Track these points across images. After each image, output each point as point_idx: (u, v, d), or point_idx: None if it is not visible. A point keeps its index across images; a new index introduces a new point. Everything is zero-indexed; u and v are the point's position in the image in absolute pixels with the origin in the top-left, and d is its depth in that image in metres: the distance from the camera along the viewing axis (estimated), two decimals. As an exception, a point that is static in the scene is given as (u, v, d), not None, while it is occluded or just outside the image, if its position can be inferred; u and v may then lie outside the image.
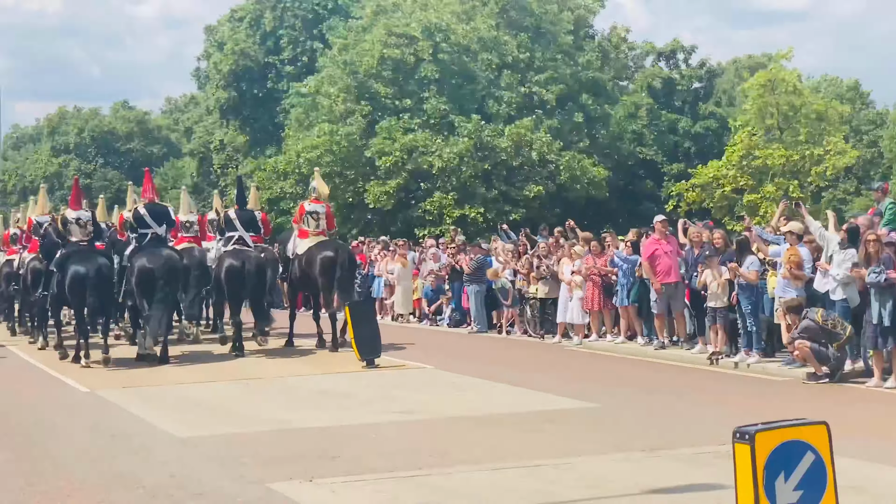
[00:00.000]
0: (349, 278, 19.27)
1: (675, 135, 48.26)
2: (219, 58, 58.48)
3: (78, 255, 17.87)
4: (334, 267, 18.76)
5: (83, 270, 17.40)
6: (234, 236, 19.83)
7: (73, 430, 11.57)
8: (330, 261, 18.84)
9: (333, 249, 19.21)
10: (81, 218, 18.70)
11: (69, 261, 17.78)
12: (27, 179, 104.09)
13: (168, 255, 18.17)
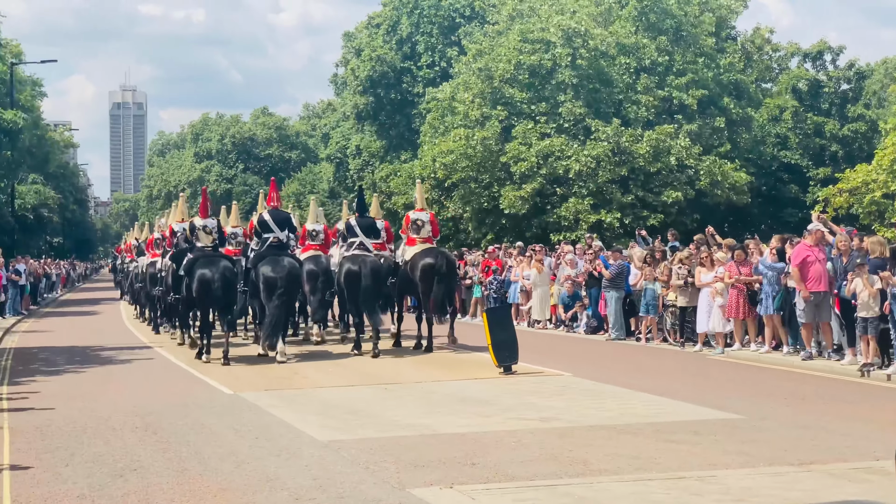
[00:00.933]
0: (448, 284, 20.28)
1: (822, 138, 46.88)
2: (356, 64, 59.37)
3: (204, 259, 19.15)
4: (433, 273, 19.73)
5: (209, 274, 18.66)
6: (355, 242, 20.70)
7: (219, 431, 11.82)
8: (430, 267, 19.80)
9: (434, 256, 20.08)
10: (208, 225, 20.24)
11: (196, 265, 19.06)
12: (171, 184, 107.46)
13: (290, 263, 19.31)
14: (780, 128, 47.06)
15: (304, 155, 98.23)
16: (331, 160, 74.08)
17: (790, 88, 48.16)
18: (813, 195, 41.26)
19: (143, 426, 12.19)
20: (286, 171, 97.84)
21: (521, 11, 44.76)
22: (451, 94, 44.05)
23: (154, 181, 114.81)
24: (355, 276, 19.82)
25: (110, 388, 16.02)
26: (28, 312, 37.53)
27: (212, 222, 20.60)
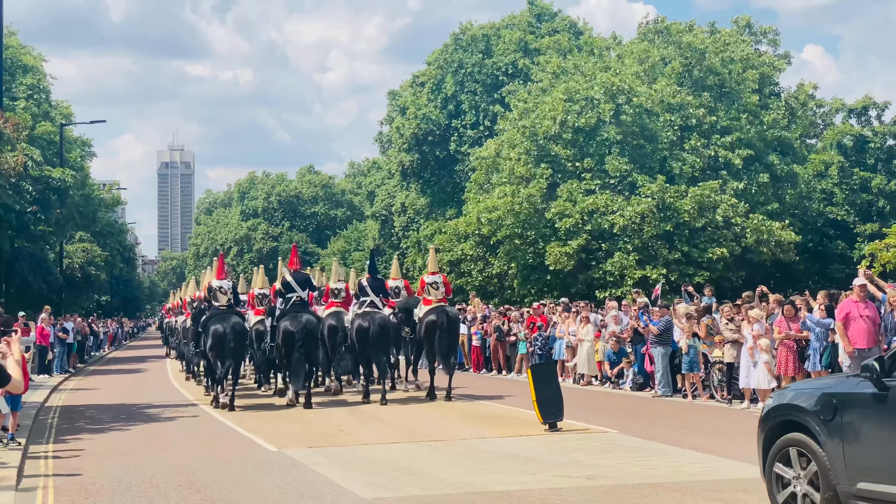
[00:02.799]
0: (450, 338, 22.23)
1: (868, 193, 46.51)
2: (401, 122, 59.91)
3: (217, 316, 21.33)
4: (436, 328, 21.80)
5: (221, 329, 20.78)
6: (366, 301, 22.81)
7: (263, 489, 11.78)
8: (432, 323, 21.88)
9: (436, 314, 22.01)
10: (223, 286, 22.08)
11: (210, 321, 21.36)
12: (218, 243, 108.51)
13: (307, 319, 21.49)
14: (825, 183, 46.77)
15: (349, 212, 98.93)
16: (376, 217, 74.55)
17: (835, 144, 47.91)
18: (860, 251, 40.85)
19: (187, 484, 12.19)
20: (332, 229, 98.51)
21: (565, 69, 44.99)
22: (496, 151, 44.26)
23: (201, 239, 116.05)
24: (365, 331, 21.95)
25: (155, 446, 16.05)
26: (75, 370, 37.85)
27: (227, 284, 22.34)
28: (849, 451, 8.56)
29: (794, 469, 9.12)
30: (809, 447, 8.94)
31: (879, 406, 8.39)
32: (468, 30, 58.51)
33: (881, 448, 8.30)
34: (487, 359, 31.33)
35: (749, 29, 47.85)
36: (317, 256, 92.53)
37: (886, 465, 8.18)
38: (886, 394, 8.33)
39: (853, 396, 8.73)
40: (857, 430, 8.56)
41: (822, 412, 8.87)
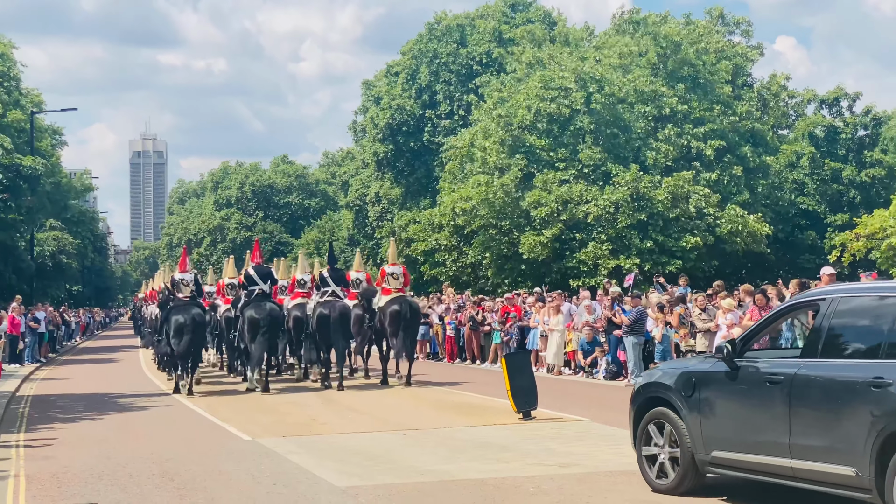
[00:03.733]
0: (411, 328, 23.34)
1: (839, 184, 46.86)
2: (375, 112, 59.80)
3: (179, 307, 22.48)
4: (399, 319, 22.71)
5: (182, 319, 21.85)
6: (327, 290, 24.18)
7: (237, 478, 11.77)
8: (396, 313, 22.79)
9: (399, 303, 23.01)
10: (186, 279, 23.26)
11: (172, 312, 22.53)
12: (191, 232, 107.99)
13: (271, 308, 22.90)
14: (797, 174, 47.09)
15: (323, 203, 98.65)
16: (350, 208, 74.41)
17: (807, 135, 48.25)
18: (830, 241, 41.17)
19: (161, 473, 12.16)
20: (306, 219, 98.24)
21: (540, 59, 45.04)
22: (470, 141, 44.26)
23: (174, 229, 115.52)
24: (325, 319, 23.05)
25: (128, 435, 16.00)
26: (46, 360, 37.61)
27: (189, 276, 23.51)
28: (705, 423, 9.73)
29: (660, 439, 10.23)
30: (672, 420, 10.05)
31: (731, 383, 9.59)
32: (443, 20, 58.44)
33: (732, 420, 9.53)
34: (461, 348, 31.37)
35: (722, 20, 48.09)
36: (291, 247, 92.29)
37: (736, 435, 9.43)
38: (737, 372, 9.54)
39: (709, 375, 9.86)
40: (713, 405, 9.72)
41: (683, 389, 10.01)
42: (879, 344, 8.49)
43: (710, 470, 9.81)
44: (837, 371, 8.69)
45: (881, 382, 8.16)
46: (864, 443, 8.20)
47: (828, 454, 8.55)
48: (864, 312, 8.96)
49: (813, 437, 8.71)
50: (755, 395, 9.33)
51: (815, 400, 8.76)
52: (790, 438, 8.87)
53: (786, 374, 9.05)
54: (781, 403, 8.97)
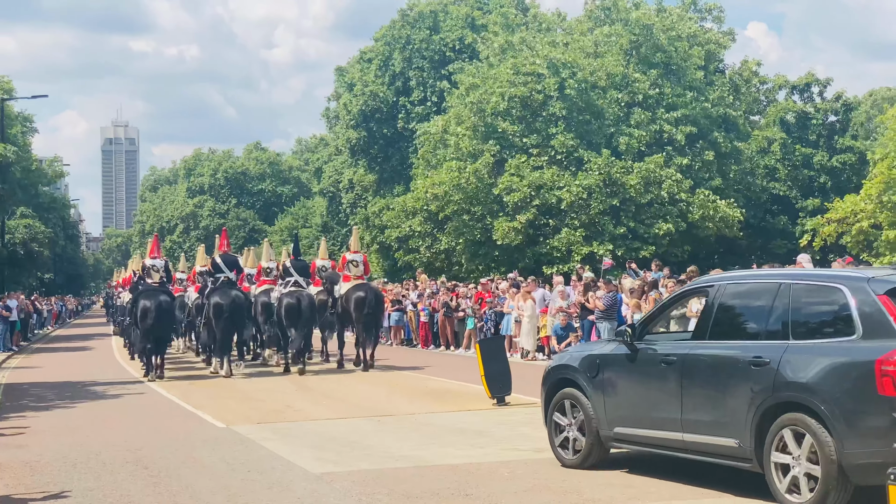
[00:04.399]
0: (376, 314, 24.30)
1: (810, 169, 47.17)
2: (348, 98, 59.64)
3: (147, 293, 23.06)
4: (364, 305, 23.51)
5: (148, 304, 22.37)
6: (290, 280, 24.71)
7: (211, 465, 11.76)
8: (361, 300, 23.60)
9: (364, 291, 23.96)
10: (156, 265, 23.88)
11: (140, 297, 23.13)
12: (164, 220, 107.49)
13: (235, 294, 23.29)
14: (768, 160, 47.35)
15: (296, 189, 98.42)
16: (324, 194, 74.26)
17: (778, 121, 48.51)
18: (802, 226, 41.49)
19: (134, 461, 12.13)
20: (279, 206, 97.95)
21: (512, 44, 45.04)
22: (444, 127, 44.23)
23: (146, 216, 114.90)
24: (290, 307, 23.55)
25: (101, 423, 15.95)
26: (18, 348, 37.40)
27: (160, 262, 24.15)
28: (608, 402, 10.49)
29: (568, 418, 10.96)
30: (579, 400, 10.81)
31: (630, 364, 10.34)
32: (415, 6, 58.30)
33: (631, 398, 10.30)
34: (435, 335, 31.41)
35: (694, 6, 48.20)
36: (264, 234, 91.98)
37: (635, 413, 10.22)
38: (636, 354, 10.29)
39: (611, 357, 10.63)
40: (614, 385, 10.48)
41: (588, 370, 10.76)
42: (759, 326, 9.33)
43: (614, 445, 10.60)
44: (723, 351, 9.45)
45: (760, 361, 8.91)
46: (745, 416, 8.96)
47: (714, 428, 9.31)
48: (747, 298, 9.77)
49: (701, 412, 9.46)
50: (652, 374, 10.07)
51: (704, 378, 9.52)
52: (682, 414, 9.63)
53: (678, 355, 9.79)
54: (674, 382, 9.73)
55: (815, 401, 8.44)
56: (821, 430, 8.37)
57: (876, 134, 49.89)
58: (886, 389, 8.04)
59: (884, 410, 8.07)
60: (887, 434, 8.05)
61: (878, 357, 8.13)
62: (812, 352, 8.69)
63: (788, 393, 8.68)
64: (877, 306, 8.45)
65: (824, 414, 8.36)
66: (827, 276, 9.39)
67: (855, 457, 8.21)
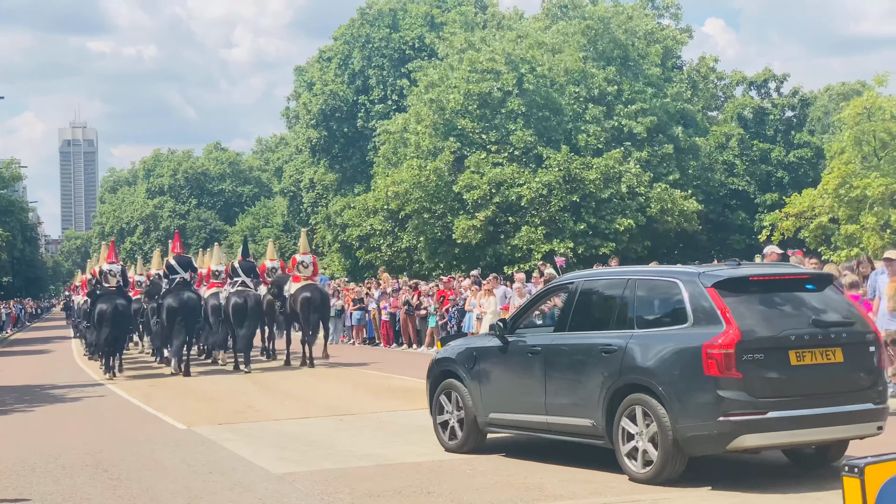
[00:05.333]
0: (322, 313, 25.20)
1: (768, 164, 47.60)
2: (308, 97, 59.46)
3: (104, 296, 23.86)
4: (310, 305, 24.36)
5: (105, 307, 23.19)
6: (238, 280, 25.64)
7: (172, 467, 11.70)
8: (307, 300, 24.43)
9: (311, 291, 24.68)
10: (113, 269, 24.71)
11: (98, 300, 23.96)
12: (123, 221, 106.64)
13: (188, 296, 24.05)
14: (726, 155, 47.71)
15: (257, 189, 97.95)
16: (284, 194, 73.99)
17: (736, 116, 48.91)
18: (760, 221, 41.85)
19: (94, 464, 12.04)
20: (240, 206, 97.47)
21: (472, 42, 45.09)
22: (403, 125, 44.21)
23: (106, 218, 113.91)
24: (237, 307, 24.46)
25: (60, 427, 15.82)
26: (-23, 352, 36.97)
27: (116, 267, 25.02)
28: (483, 390, 11.40)
29: (450, 406, 11.85)
30: (459, 389, 11.69)
31: (502, 356, 11.29)
32: (375, 4, 58.22)
33: (503, 386, 11.24)
34: (398, 333, 31.41)
35: (652, 3, 48.51)
36: (225, 234, 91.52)
37: (506, 399, 11.16)
38: (507, 346, 11.22)
39: (486, 349, 11.56)
40: (489, 374, 11.41)
41: (466, 362, 11.67)
42: (609, 318, 10.44)
43: (490, 430, 11.57)
44: (579, 341, 10.47)
45: (609, 349, 9.95)
46: (598, 399, 9.98)
47: (573, 410, 10.36)
48: (600, 293, 10.92)
49: (562, 396, 10.51)
50: (520, 364, 11.05)
51: (563, 366, 10.57)
52: (546, 399, 10.64)
53: (542, 346, 10.83)
54: (539, 370, 10.75)
55: (654, 382, 9.46)
56: (659, 408, 9.37)
57: (833, 128, 50.44)
58: (711, 370, 9.12)
59: (709, 389, 9.13)
60: (713, 409, 9.11)
61: (704, 342, 9.18)
62: (652, 339, 9.72)
63: (632, 376, 9.69)
64: (705, 298, 9.46)
65: (661, 394, 9.38)
66: (665, 272, 10.55)
67: (687, 430, 9.23)
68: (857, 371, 9.62)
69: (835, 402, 9.38)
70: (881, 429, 9.67)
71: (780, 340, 9.26)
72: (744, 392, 9.09)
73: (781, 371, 9.25)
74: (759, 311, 9.49)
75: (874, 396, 9.63)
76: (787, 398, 9.23)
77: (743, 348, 9.11)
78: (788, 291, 9.88)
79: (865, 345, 9.70)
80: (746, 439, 9.15)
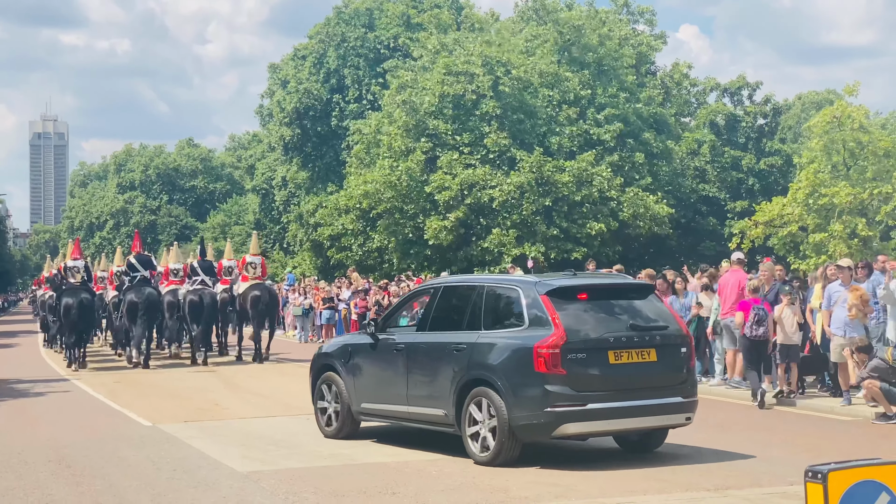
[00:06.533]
0: (270, 310, 26.76)
1: (739, 171, 47.85)
2: (282, 95, 59.27)
3: (69, 291, 24.80)
4: (259, 302, 25.86)
5: (70, 302, 24.12)
6: (197, 279, 27.24)
7: (136, 464, 11.63)
8: (256, 298, 25.92)
9: (260, 290, 26.26)
10: (77, 266, 25.74)
11: (63, 295, 24.90)
12: (93, 216, 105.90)
13: (149, 292, 25.15)
14: (698, 161, 47.94)
15: (229, 186, 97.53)
16: (256, 192, 73.70)
17: (708, 123, 49.13)
18: (730, 227, 42.06)
19: (57, 459, 11.96)
20: (211, 203, 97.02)
21: (446, 45, 45.09)
22: (377, 126, 44.14)
23: (76, 212, 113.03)
24: (193, 304, 25.86)
25: (24, 422, 15.69)
26: (-59, 346, 36.58)
27: (80, 263, 26.10)
28: (357, 382, 12.61)
29: (328, 396, 13.03)
30: (336, 381, 12.88)
31: (373, 352, 12.49)
32: (351, 3, 58.15)
33: (373, 379, 12.45)
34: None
35: (627, 8, 48.70)
36: (196, 231, 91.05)
37: (375, 391, 12.38)
38: (377, 343, 12.40)
39: (360, 346, 12.76)
40: (361, 368, 12.61)
41: (342, 357, 12.92)
42: (462, 320, 11.63)
43: (362, 418, 12.75)
44: (436, 340, 11.71)
45: (460, 347, 11.20)
46: (449, 391, 11.19)
47: (429, 401, 11.56)
48: (456, 298, 12.18)
49: (420, 389, 11.70)
50: (387, 359, 12.23)
51: (422, 362, 11.78)
52: (407, 391, 11.85)
53: (406, 343, 12.08)
54: (402, 365, 11.95)
55: (494, 377, 10.73)
56: (497, 400, 10.63)
57: (803, 138, 50.77)
58: (540, 367, 10.40)
59: (538, 383, 10.43)
60: (541, 401, 10.41)
61: (535, 343, 10.46)
62: (494, 339, 10.98)
63: (477, 372, 10.94)
64: (539, 304, 10.72)
65: (500, 387, 10.63)
66: (509, 280, 12.14)
67: (520, 419, 10.50)
68: (669, 369, 11.02)
69: (648, 396, 10.77)
70: (689, 419, 11.21)
71: (601, 342, 10.58)
72: (567, 386, 10.39)
73: (601, 368, 10.57)
74: (584, 316, 10.80)
75: (684, 391, 11.06)
76: (605, 392, 10.57)
77: (568, 348, 10.38)
78: (612, 299, 11.26)
79: (677, 346, 11.11)
80: (569, 427, 10.50)
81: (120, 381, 22.01)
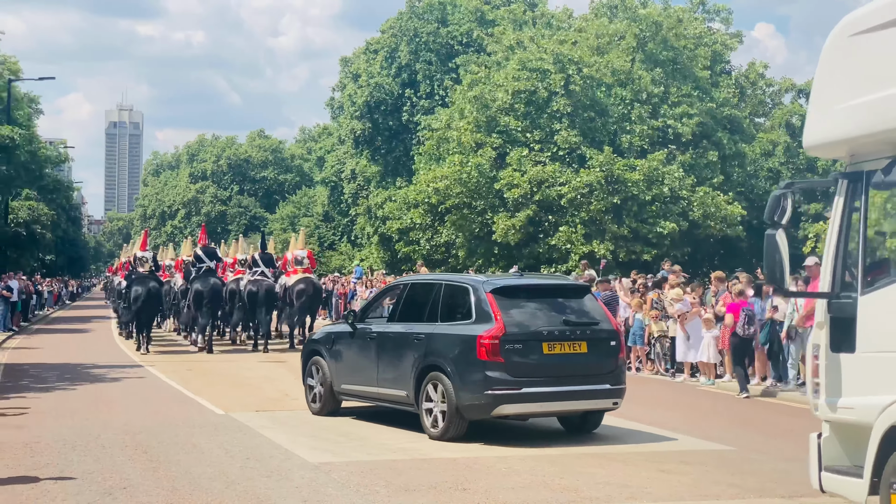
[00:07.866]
0: (314, 302, 28.57)
1: (814, 174, 47.07)
2: (354, 89, 59.57)
3: (138, 280, 27.15)
4: (303, 294, 27.44)
5: (139, 290, 26.40)
6: (258, 270, 28.77)
7: (210, 451, 11.81)
8: (301, 291, 27.49)
9: (305, 283, 27.76)
10: (145, 256, 28.87)
11: (132, 284, 27.27)
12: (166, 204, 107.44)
13: (214, 282, 27.12)
14: (772, 162, 47.24)
15: (298, 178, 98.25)
16: (325, 184, 74.20)
17: (783, 123, 48.38)
18: (804, 231, 41.42)
19: (134, 445, 12.19)
20: (281, 194, 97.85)
21: (521, 41, 44.96)
22: (447, 122, 44.16)
23: (148, 201, 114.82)
24: (254, 294, 27.63)
25: (101, 406, 16.00)
26: (18, 329, 37.40)
27: (148, 254, 29.13)
28: (338, 365, 14.40)
29: (316, 378, 14.76)
30: (321, 364, 14.70)
31: (351, 339, 14.29)
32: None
33: (350, 363, 14.19)
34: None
35: (703, 6, 48.13)
36: (265, 221, 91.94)
37: (352, 373, 14.12)
38: (355, 332, 14.19)
39: (341, 334, 14.58)
40: (341, 353, 14.41)
41: (326, 343, 14.80)
42: (423, 313, 13.23)
43: (342, 398, 14.48)
44: (401, 329, 13.39)
45: (419, 337, 12.90)
46: (410, 375, 12.84)
47: (394, 383, 13.21)
48: (421, 294, 13.80)
49: (388, 372, 13.36)
50: (362, 346, 13.96)
51: (390, 349, 13.45)
52: (377, 374, 13.54)
53: (378, 332, 13.79)
54: (374, 351, 13.68)
55: (445, 364, 12.36)
56: (448, 384, 12.24)
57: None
58: (482, 355, 12.02)
59: (480, 370, 12.03)
60: (482, 385, 12.01)
61: (479, 333, 12.08)
62: (447, 330, 12.66)
63: (432, 358, 12.57)
64: (484, 300, 12.33)
65: (450, 373, 12.26)
66: (462, 279, 13.50)
67: (465, 400, 12.12)
68: (599, 360, 12.57)
69: (578, 382, 12.34)
70: (617, 404, 12.74)
71: (536, 334, 12.20)
72: (505, 373, 11.98)
73: (536, 358, 12.17)
74: (523, 311, 12.39)
75: (612, 379, 12.56)
76: (539, 378, 12.13)
77: (506, 339, 12.01)
78: (551, 297, 12.82)
79: (607, 340, 12.66)
80: (506, 408, 12.13)
81: (192, 368, 22.36)
